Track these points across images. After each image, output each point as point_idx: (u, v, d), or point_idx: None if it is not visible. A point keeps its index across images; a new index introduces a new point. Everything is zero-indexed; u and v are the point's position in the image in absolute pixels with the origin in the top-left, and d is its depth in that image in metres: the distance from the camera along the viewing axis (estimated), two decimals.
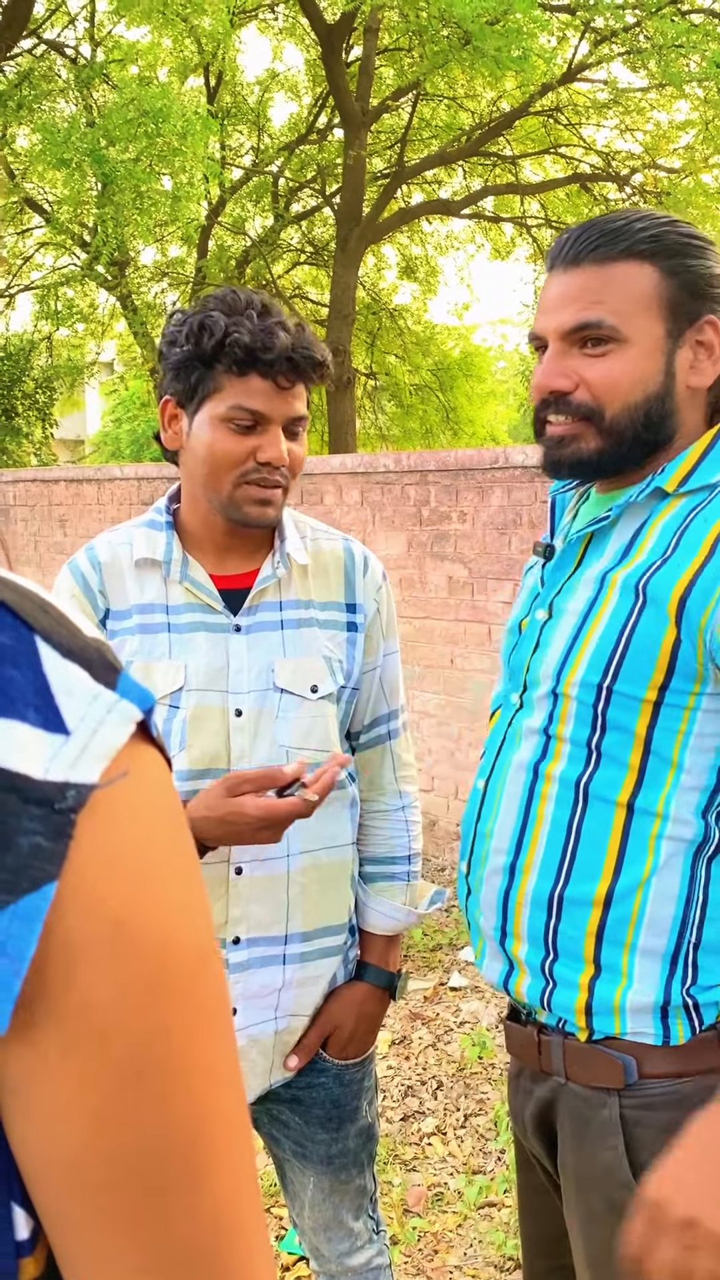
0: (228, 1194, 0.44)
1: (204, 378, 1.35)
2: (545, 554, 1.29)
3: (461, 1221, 2.39)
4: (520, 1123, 1.31)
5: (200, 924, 0.44)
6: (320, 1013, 1.48)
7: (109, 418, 23.16)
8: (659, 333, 1.14)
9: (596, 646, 1.13)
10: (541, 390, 1.17)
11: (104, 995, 0.40)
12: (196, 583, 1.41)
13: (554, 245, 1.21)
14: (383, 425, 17.47)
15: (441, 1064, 3.07)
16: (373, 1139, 1.58)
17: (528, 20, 9.38)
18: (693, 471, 1.15)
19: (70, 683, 0.42)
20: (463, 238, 15.75)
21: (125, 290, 12.74)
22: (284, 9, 13.24)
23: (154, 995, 0.42)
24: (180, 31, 11.44)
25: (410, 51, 12.20)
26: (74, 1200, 0.41)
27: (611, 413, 1.14)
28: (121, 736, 0.42)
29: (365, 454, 5.37)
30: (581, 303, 1.14)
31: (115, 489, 6.88)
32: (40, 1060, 0.40)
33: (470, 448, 6.45)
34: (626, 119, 13.13)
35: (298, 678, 1.41)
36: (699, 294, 1.15)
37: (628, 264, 1.13)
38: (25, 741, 0.40)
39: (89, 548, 1.46)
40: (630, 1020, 1.15)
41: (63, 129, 9.80)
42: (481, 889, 1.25)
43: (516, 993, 1.23)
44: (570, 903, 1.16)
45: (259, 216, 14.99)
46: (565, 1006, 1.18)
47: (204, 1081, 0.43)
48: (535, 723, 1.20)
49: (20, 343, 14.10)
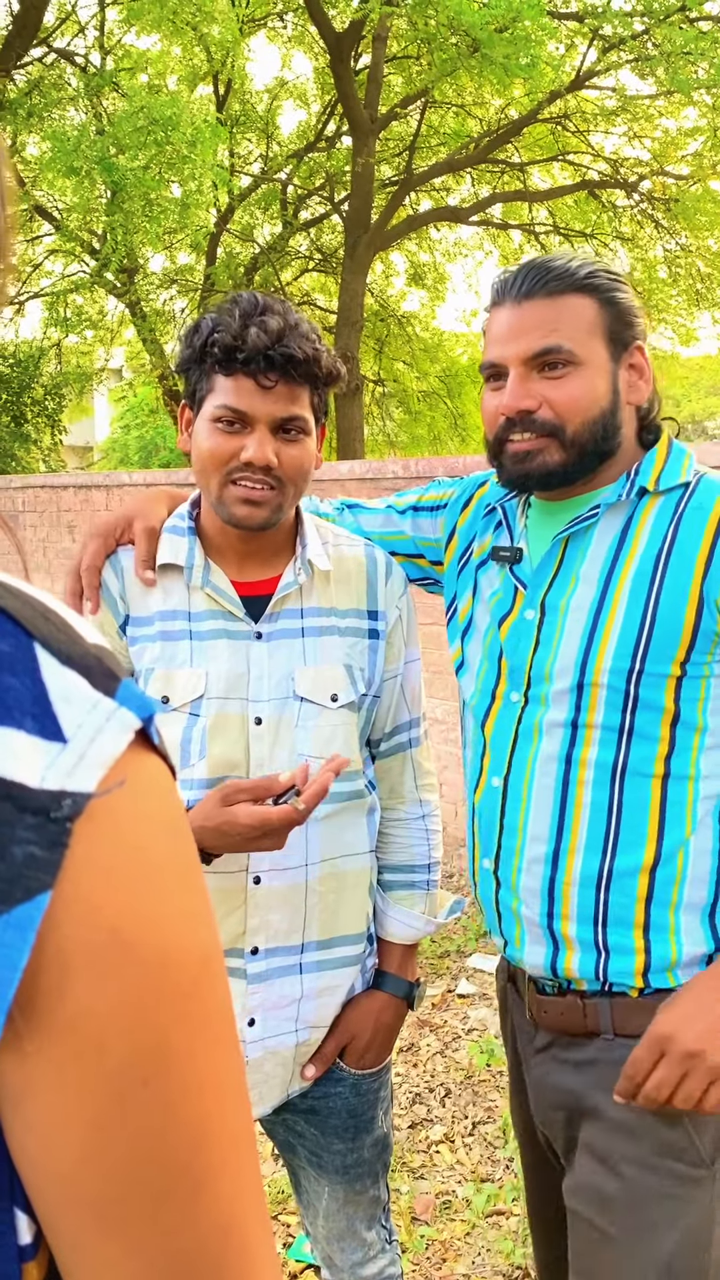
0: (231, 1203, 0.44)
1: (200, 379, 1.36)
2: (513, 557, 1.39)
3: (470, 1230, 2.38)
4: (546, 1091, 1.36)
5: (201, 932, 0.44)
6: (338, 1022, 1.47)
7: (117, 424, 23.22)
8: (605, 355, 1.29)
9: (620, 634, 1.24)
10: (509, 411, 1.29)
11: (101, 1005, 0.40)
12: (218, 589, 1.40)
13: (496, 284, 1.34)
14: (390, 432, 17.49)
15: (450, 1071, 3.05)
16: (387, 1149, 1.57)
17: (536, 28, 9.40)
18: (662, 472, 1.30)
19: (69, 690, 0.42)
20: (471, 244, 15.79)
21: (134, 297, 12.78)
22: (293, 17, 13.28)
23: (153, 1005, 0.41)
24: (190, 40, 11.49)
25: (419, 59, 12.24)
26: (74, 1210, 0.41)
27: (573, 428, 1.27)
28: (120, 745, 0.42)
29: (373, 460, 5.37)
30: (540, 331, 1.27)
31: (124, 495, 6.89)
32: (37, 1071, 0.39)
33: (478, 454, 6.45)
34: (635, 126, 13.14)
35: (318, 686, 1.40)
36: (626, 323, 1.30)
37: (574, 297, 1.28)
38: (22, 749, 0.39)
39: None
40: (682, 973, 1.26)
41: (72, 137, 9.84)
42: (521, 879, 1.33)
43: (565, 970, 1.31)
44: (619, 875, 1.26)
45: (267, 224, 15.04)
46: (623, 972, 1.27)
47: (206, 1091, 0.43)
48: (558, 716, 1.29)
49: (29, 349, 14.14)
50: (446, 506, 1.55)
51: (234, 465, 1.33)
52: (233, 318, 1.31)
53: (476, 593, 1.44)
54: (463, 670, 1.46)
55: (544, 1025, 1.36)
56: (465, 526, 1.50)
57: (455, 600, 1.50)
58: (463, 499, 1.53)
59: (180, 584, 1.41)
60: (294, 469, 1.35)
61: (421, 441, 16.91)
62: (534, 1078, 1.40)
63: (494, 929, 1.41)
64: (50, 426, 14.46)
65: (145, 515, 1.46)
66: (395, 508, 1.60)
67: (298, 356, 1.30)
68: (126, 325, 14.59)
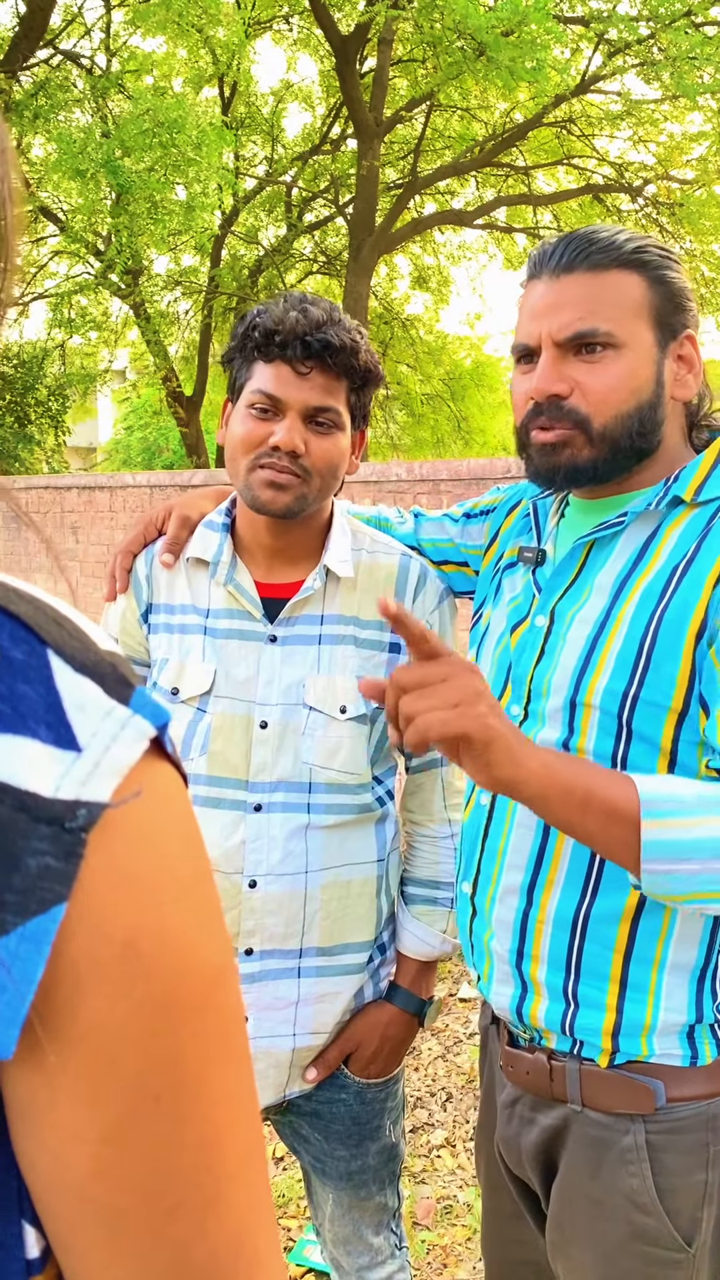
0: (243, 1215, 0.44)
1: (241, 368, 1.37)
2: (537, 559, 1.27)
3: (471, 1235, 2.37)
4: (515, 1151, 1.26)
5: (215, 943, 0.43)
6: (344, 1029, 1.46)
7: (121, 425, 23.23)
8: (650, 341, 1.14)
9: (620, 653, 1.10)
10: (539, 394, 1.15)
11: (114, 1018, 0.39)
12: (240, 587, 1.40)
13: (535, 254, 1.20)
14: (394, 434, 17.48)
15: (451, 1075, 3.05)
16: (395, 1158, 1.55)
17: (542, 32, 9.40)
18: (705, 482, 1.14)
19: (83, 698, 0.41)
20: (475, 248, 15.86)
21: (138, 299, 12.78)
22: (298, 20, 13.29)
23: (166, 1018, 0.41)
24: (195, 42, 11.50)
25: (424, 62, 12.24)
26: (85, 1223, 0.40)
27: (601, 422, 1.13)
28: (135, 754, 0.41)
29: (377, 463, 5.37)
30: (578, 308, 1.13)
31: (127, 496, 6.89)
32: (49, 1084, 0.39)
33: (481, 457, 6.45)
34: (639, 130, 13.14)
35: (328, 696, 1.38)
36: (678, 306, 1.16)
37: (619, 273, 1.13)
38: (36, 759, 0.39)
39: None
40: (658, 1042, 1.12)
41: (78, 139, 9.85)
42: (494, 909, 1.21)
43: (531, 1018, 1.19)
44: (597, 919, 1.13)
45: (272, 226, 15.04)
46: (590, 1029, 1.14)
47: (219, 1104, 0.43)
48: (551, 735, 1.15)
49: (34, 350, 14.15)
50: (495, 510, 1.45)
51: (263, 450, 1.33)
52: (278, 306, 1.33)
53: (498, 596, 1.33)
54: None
55: (512, 1080, 1.25)
56: (508, 531, 1.39)
57: (481, 606, 1.38)
58: (512, 501, 1.43)
59: (205, 578, 1.42)
60: (322, 461, 1.34)
61: (425, 444, 16.91)
62: (503, 1134, 1.28)
63: (468, 959, 1.30)
64: (54, 427, 14.47)
65: (185, 506, 1.50)
66: (451, 515, 1.51)
67: (334, 344, 1.30)
68: (130, 327, 14.59)
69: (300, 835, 1.37)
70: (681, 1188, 1.11)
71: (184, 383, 13.82)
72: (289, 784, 1.37)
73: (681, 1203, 1.11)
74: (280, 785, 1.37)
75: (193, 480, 6.33)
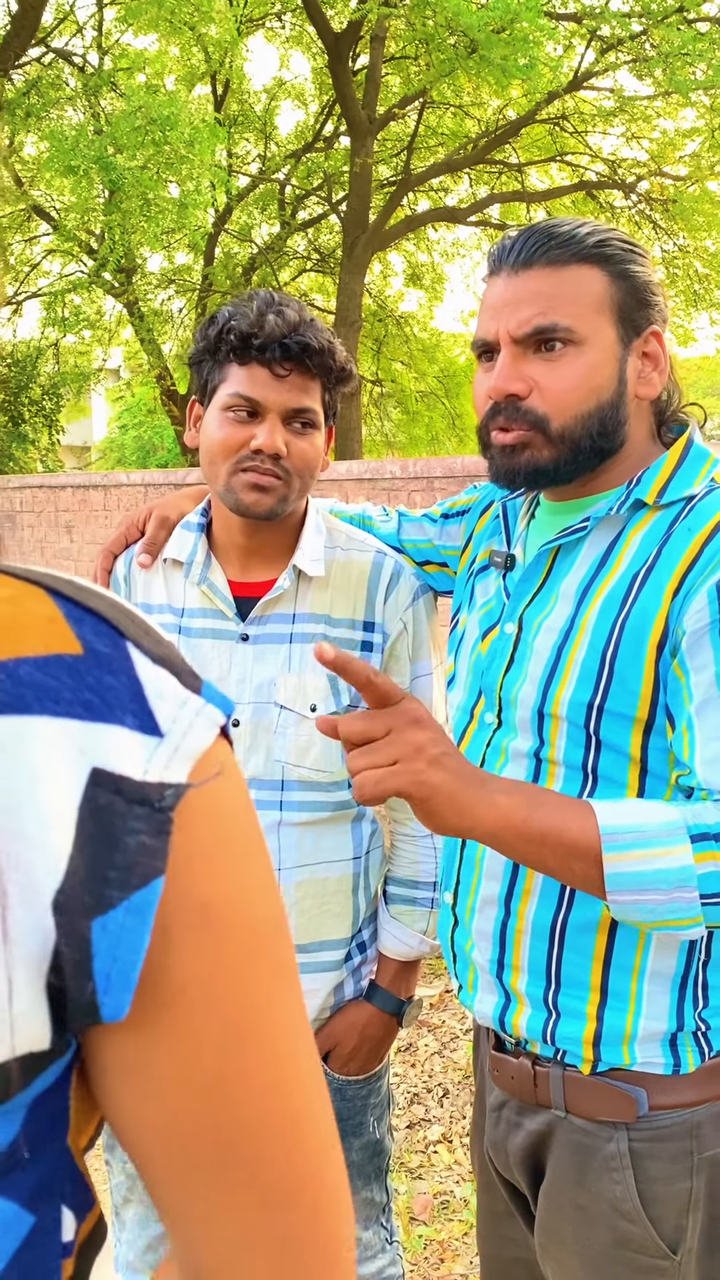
0: (320, 1130, 0.49)
1: (213, 370, 1.36)
2: (506, 564, 1.25)
3: (468, 1230, 2.38)
4: (503, 1154, 1.25)
5: (273, 898, 0.49)
6: (323, 1026, 1.46)
7: (115, 424, 23.19)
8: (612, 337, 1.11)
9: (583, 662, 1.08)
10: (497, 394, 1.12)
11: (201, 973, 0.44)
12: (213, 586, 1.41)
13: (495, 250, 1.17)
14: (388, 432, 17.49)
15: (447, 1071, 3.06)
16: (381, 1154, 1.55)
17: (534, 28, 9.39)
18: (668, 483, 1.12)
19: (162, 687, 0.45)
20: (469, 245, 15.81)
21: (132, 297, 12.77)
22: (291, 17, 13.28)
23: (242, 968, 0.46)
24: (187, 40, 11.50)
25: (417, 59, 12.25)
26: (199, 1162, 0.45)
27: (559, 422, 1.10)
28: (209, 738, 0.46)
29: (371, 460, 5.37)
30: (537, 304, 1.10)
31: (122, 495, 6.88)
32: (154, 1041, 0.44)
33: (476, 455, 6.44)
34: (632, 127, 13.15)
35: (299, 695, 1.38)
36: (642, 301, 1.13)
37: (579, 267, 1.10)
38: (125, 745, 0.43)
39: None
40: (640, 1050, 1.11)
41: (70, 137, 9.84)
42: (473, 919, 1.20)
43: (513, 1028, 1.18)
44: (574, 929, 1.12)
45: (265, 224, 15.02)
46: (570, 1038, 1.13)
47: (290, 1036, 0.48)
48: (523, 745, 1.14)
49: (27, 349, 14.12)
50: (470, 511, 1.42)
51: (244, 454, 1.33)
52: (250, 308, 1.32)
53: (472, 601, 1.31)
54: (452, 684, 1.32)
55: (499, 1085, 1.23)
56: (480, 533, 1.37)
57: (458, 611, 1.36)
58: (484, 503, 1.40)
59: (181, 579, 1.43)
60: (301, 462, 1.35)
61: (419, 442, 16.90)
62: (492, 1138, 1.28)
63: (450, 970, 1.29)
64: (48, 426, 14.45)
65: (165, 507, 1.51)
66: (431, 515, 1.49)
67: (313, 346, 1.31)
68: (124, 325, 14.57)
69: (274, 832, 1.38)
70: (665, 1195, 1.11)
71: (178, 381, 13.80)
72: (261, 781, 1.38)
73: (665, 1210, 1.10)
74: (253, 783, 1.38)
75: (187, 479, 6.33)
